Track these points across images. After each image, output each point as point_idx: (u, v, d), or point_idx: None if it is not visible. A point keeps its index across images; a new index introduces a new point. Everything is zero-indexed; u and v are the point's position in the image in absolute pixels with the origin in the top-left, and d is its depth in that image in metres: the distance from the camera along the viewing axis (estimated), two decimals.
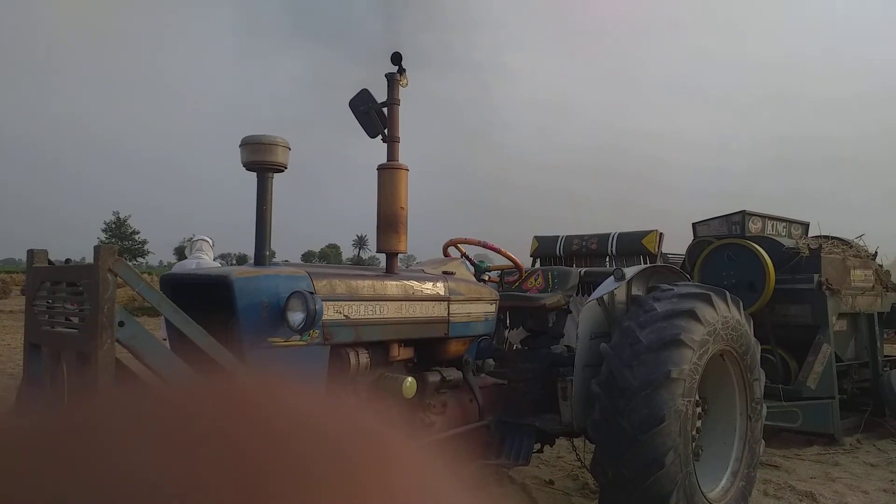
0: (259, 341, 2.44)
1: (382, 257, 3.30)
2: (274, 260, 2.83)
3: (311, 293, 2.48)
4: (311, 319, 2.40)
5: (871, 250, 7.66)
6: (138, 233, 65.03)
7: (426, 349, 3.37)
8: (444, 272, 3.56)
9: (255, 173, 2.75)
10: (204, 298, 2.61)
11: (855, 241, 7.66)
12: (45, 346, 2.35)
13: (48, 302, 2.38)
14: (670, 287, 3.79)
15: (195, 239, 6.59)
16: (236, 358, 2.33)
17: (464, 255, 4.13)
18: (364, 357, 2.86)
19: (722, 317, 3.68)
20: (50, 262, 2.66)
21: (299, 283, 2.57)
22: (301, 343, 2.56)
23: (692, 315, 3.48)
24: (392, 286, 3.03)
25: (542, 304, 4.17)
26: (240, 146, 2.72)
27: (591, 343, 3.71)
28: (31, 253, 2.52)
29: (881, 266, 7.71)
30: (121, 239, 61.74)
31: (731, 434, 3.92)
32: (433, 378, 3.32)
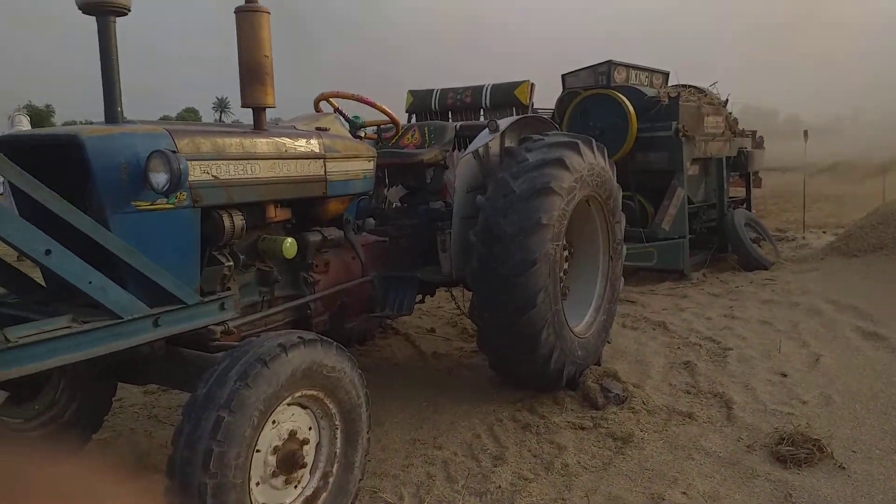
0: (122, 205, 2.28)
1: (247, 120, 3.09)
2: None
3: (174, 152, 2.32)
4: (177, 180, 2.26)
5: (723, 98, 8.17)
6: None
7: (305, 209, 3.30)
8: (318, 128, 3.43)
9: (94, 17, 2.42)
10: (43, 164, 2.35)
11: (709, 88, 8.12)
12: None
13: None
14: (541, 137, 3.89)
15: (14, 114, 6.81)
16: (98, 224, 2.18)
17: (337, 110, 3.98)
18: (239, 220, 2.76)
19: (588, 164, 3.85)
20: None
21: (159, 141, 2.38)
22: (169, 206, 2.42)
23: (561, 164, 3.62)
24: (262, 143, 2.89)
25: (420, 160, 4.17)
26: None
27: (468, 196, 3.79)
28: None
29: (730, 113, 8.28)
30: None
31: (595, 273, 4.25)
32: (314, 238, 3.30)
